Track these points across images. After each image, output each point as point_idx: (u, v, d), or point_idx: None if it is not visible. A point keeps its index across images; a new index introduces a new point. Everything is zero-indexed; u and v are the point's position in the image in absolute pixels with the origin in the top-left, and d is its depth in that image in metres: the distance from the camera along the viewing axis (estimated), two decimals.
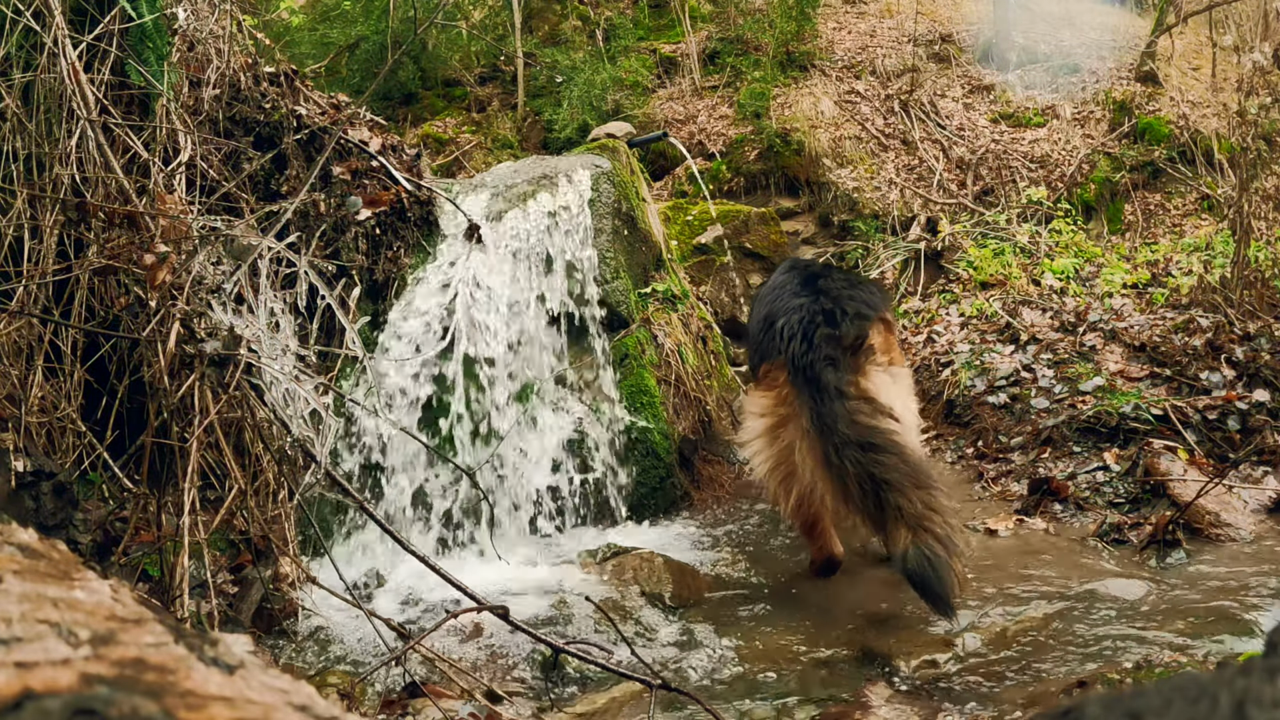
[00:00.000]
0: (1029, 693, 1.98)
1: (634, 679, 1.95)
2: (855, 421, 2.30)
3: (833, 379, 2.36)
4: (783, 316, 2.55)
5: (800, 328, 2.46)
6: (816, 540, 2.76)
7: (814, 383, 2.36)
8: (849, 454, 2.26)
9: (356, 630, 2.54)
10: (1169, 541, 2.83)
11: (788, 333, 2.48)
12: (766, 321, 2.63)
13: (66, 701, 0.37)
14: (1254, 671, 0.40)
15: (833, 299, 2.55)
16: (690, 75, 9.31)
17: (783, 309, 2.58)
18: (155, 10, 3.00)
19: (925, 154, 8.23)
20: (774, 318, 2.60)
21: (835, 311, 2.49)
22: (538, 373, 3.56)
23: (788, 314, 2.54)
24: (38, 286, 2.67)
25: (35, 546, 0.60)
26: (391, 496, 3.28)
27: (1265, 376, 3.75)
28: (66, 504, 2.36)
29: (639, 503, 3.54)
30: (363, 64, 9.28)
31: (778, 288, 2.75)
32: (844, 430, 2.29)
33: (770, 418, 2.56)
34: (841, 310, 2.50)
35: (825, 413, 2.32)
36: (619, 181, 4.04)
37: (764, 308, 2.72)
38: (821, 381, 2.36)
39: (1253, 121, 4.53)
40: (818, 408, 2.34)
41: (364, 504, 2.26)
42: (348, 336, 2.49)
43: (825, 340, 2.42)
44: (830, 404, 2.32)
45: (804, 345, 2.42)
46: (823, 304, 2.52)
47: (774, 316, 2.61)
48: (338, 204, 3.48)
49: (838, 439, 2.28)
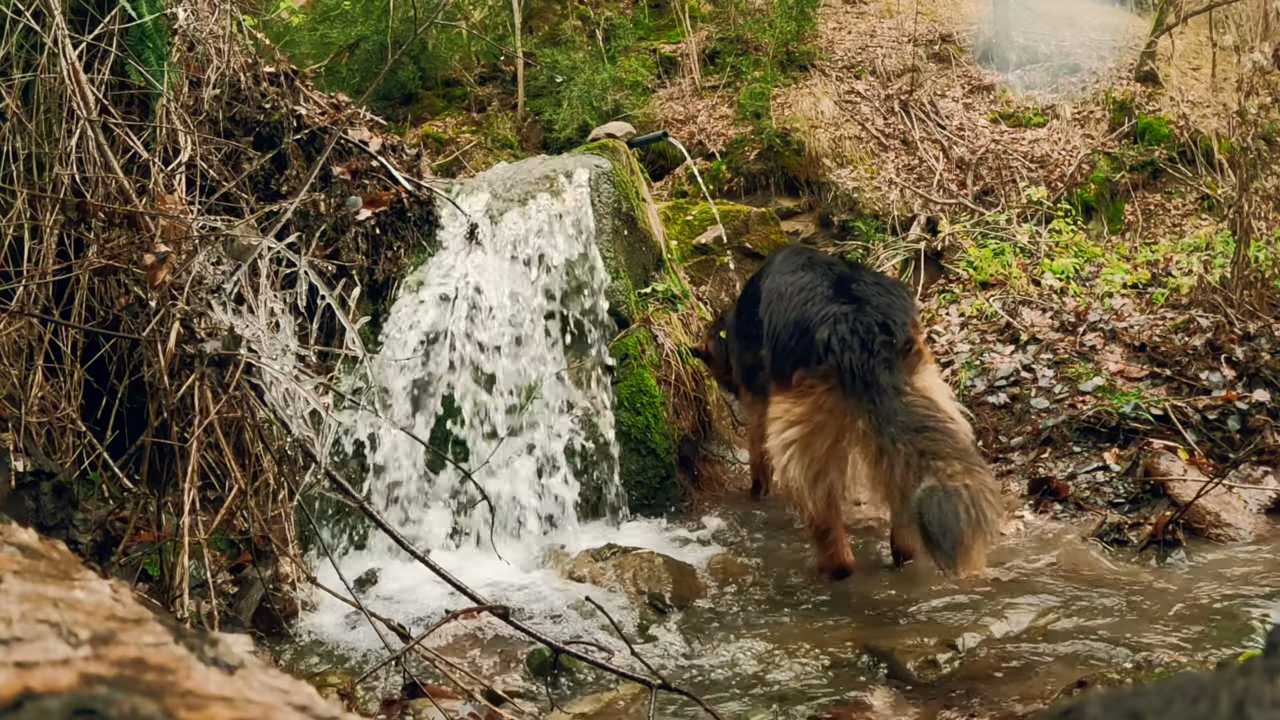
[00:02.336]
0: (1029, 692, 1.98)
1: (634, 679, 1.95)
2: (913, 412, 2.32)
3: (889, 380, 2.38)
4: (825, 326, 2.50)
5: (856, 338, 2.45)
6: (829, 548, 2.76)
7: (873, 385, 2.37)
8: (903, 438, 2.27)
9: (356, 630, 2.54)
10: (1169, 541, 2.83)
11: (837, 343, 2.46)
12: (799, 327, 2.59)
13: (66, 701, 0.37)
14: (1254, 671, 0.40)
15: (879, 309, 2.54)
16: (690, 75, 9.31)
17: (822, 316, 2.54)
18: (155, 10, 3.00)
19: (925, 154, 8.23)
20: (809, 324, 2.56)
21: (888, 323, 2.50)
22: (537, 373, 3.56)
23: (831, 322, 2.51)
24: (38, 286, 2.67)
25: (35, 546, 0.60)
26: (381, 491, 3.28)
27: (1265, 376, 3.75)
28: (66, 504, 2.36)
29: (639, 503, 3.54)
30: (363, 64, 9.29)
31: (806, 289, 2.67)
32: (903, 419, 2.30)
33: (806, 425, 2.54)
34: (893, 320, 2.51)
35: (884, 410, 2.32)
36: (619, 181, 4.04)
37: (792, 310, 2.65)
38: (881, 384, 2.37)
39: (1253, 121, 4.53)
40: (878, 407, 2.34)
41: (364, 504, 2.26)
42: (348, 336, 2.49)
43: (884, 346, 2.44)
44: (890, 401, 2.34)
45: (863, 354, 2.42)
46: (873, 315, 2.51)
47: (809, 323, 2.56)
48: (338, 204, 3.48)
49: (894, 427, 2.29)
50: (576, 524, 3.40)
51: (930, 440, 2.25)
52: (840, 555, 2.75)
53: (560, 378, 3.60)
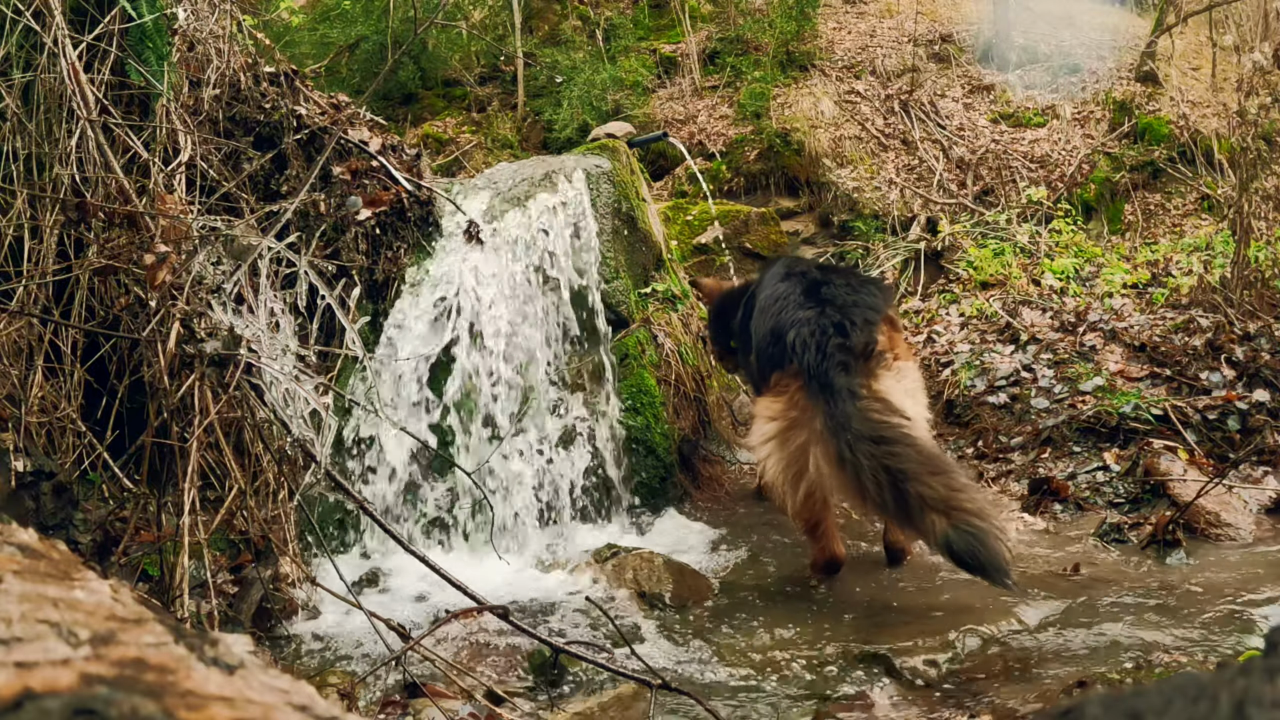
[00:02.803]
0: (1029, 692, 1.98)
1: (634, 679, 1.95)
2: (868, 418, 2.37)
3: (845, 382, 2.44)
4: (792, 330, 2.61)
5: (814, 340, 2.54)
6: (819, 540, 2.80)
7: (828, 387, 2.44)
8: (862, 449, 2.31)
9: (356, 630, 2.54)
10: (1169, 541, 2.83)
11: (799, 345, 2.56)
12: (774, 334, 2.70)
13: (66, 701, 0.37)
14: (1254, 671, 0.40)
15: (839, 309, 2.64)
16: (690, 75, 9.31)
17: (791, 321, 2.65)
18: (155, 10, 3.00)
19: (925, 154, 8.23)
20: (782, 330, 2.67)
21: (844, 323, 2.58)
22: (537, 373, 3.56)
23: (797, 326, 2.61)
24: (38, 286, 2.67)
25: (35, 546, 0.60)
26: (382, 490, 3.28)
27: (1265, 376, 3.75)
28: (66, 504, 2.36)
29: (639, 503, 3.54)
30: (363, 64, 9.29)
31: (781, 299, 2.78)
32: (857, 427, 2.34)
33: (782, 421, 2.62)
34: (850, 320, 2.59)
35: (838, 413, 2.38)
36: (619, 181, 4.04)
37: (769, 320, 2.77)
38: (835, 385, 2.43)
39: (1253, 121, 4.53)
40: (831, 409, 2.40)
41: (364, 504, 2.26)
42: (348, 336, 2.49)
43: (838, 349, 2.51)
44: (843, 404, 2.39)
45: (818, 355, 2.50)
46: (831, 316, 2.60)
47: (782, 329, 2.67)
48: (338, 204, 3.48)
49: (850, 435, 2.34)
50: (576, 524, 3.40)
51: (891, 455, 2.28)
52: (830, 547, 2.77)
53: (560, 378, 3.60)
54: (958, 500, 2.23)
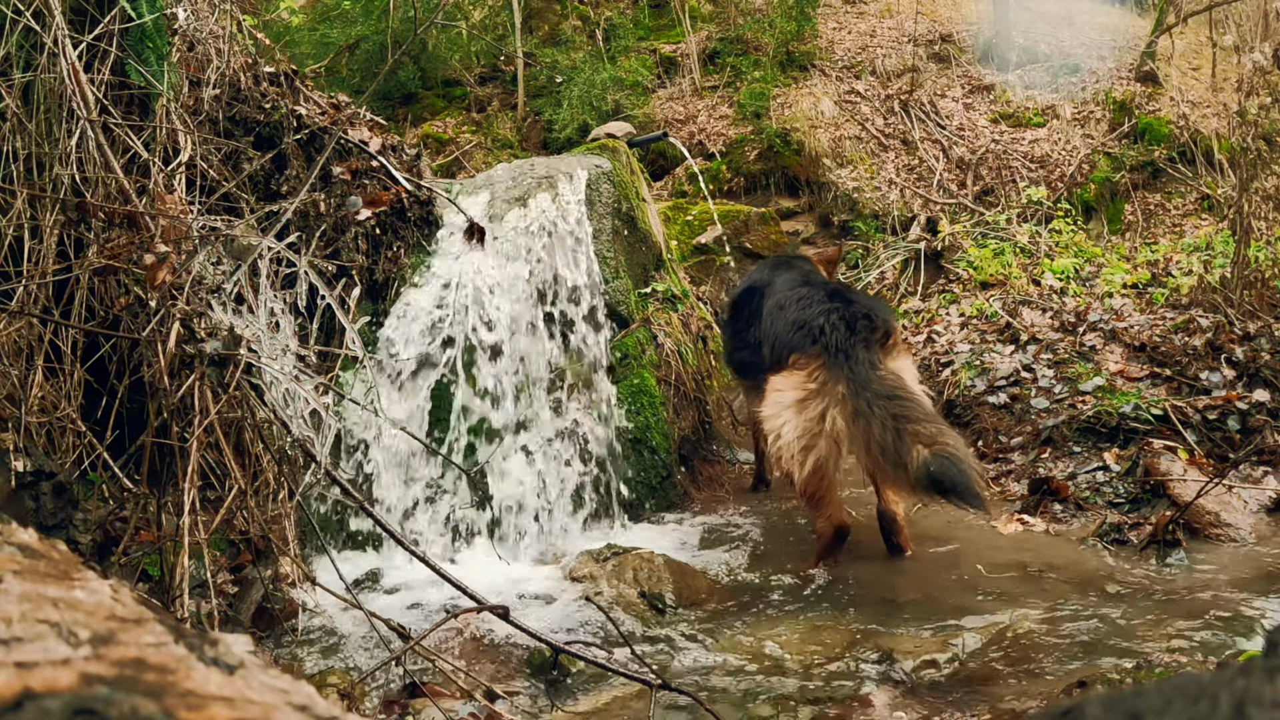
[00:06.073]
0: (1029, 692, 1.98)
1: (634, 679, 1.95)
2: (885, 381, 2.73)
3: (866, 355, 2.79)
4: (820, 318, 2.92)
5: (843, 323, 2.87)
6: (825, 510, 2.90)
7: (852, 358, 2.78)
8: (878, 403, 2.66)
9: (356, 630, 2.54)
10: (1169, 541, 2.83)
11: (829, 327, 2.86)
12: (797, 325, 2.98)
13: (66, 701, 0.36)
14: (1254, 671, 0.40)
15: (864, 305, 2.98)
16: (690, 75, 9.31)
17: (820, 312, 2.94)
18: (155, 10, 3.00)
19: (925, 154, 8.23)
20: (807, 321, 2.95)
21: (871, 314, 2.93)
22: (537, 373, 3.56)
23: (827, 314, 2.91)
24: (38, 286, 2.67)
25: (35, 546, 0.59)
26: (388, 498, 3.28)
27: (1265, 376, 3.75)
28: (66, 504, 2.36)
29: (639, 503, 3.54)
30: (363, 64, 9.29)
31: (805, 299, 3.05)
32: (876, 387, 2.71)
33: (799, 391, 2.87)
34: (875, 313, 2.94)
35: (861, 376, 2.73)
36: (619, 181, 4.04)
37: (790, 313, 3.04)
38: (858, 357, 2.78)
39: (1253, 121, 4.53)
40: (854, 374, 2.74)
41: (364, 504, 2.26)
42: (348, 336, 2.49)
43: (866, 329, 2.86)
44: (865, 370, 2.75)
45: (847, 333, 2.84)
46: (858, 310, 2.93)
47: (807, 320, 2.95)
48: (338, 204, 3.48)
49: (870, 393, 2.69)
50: (576, 524, 3.40)
51: (900, 405, 2.64)
52: (837, 516, 2.91)
53: (560, 378, 3.60)
54: (941, 438, 2.55)
